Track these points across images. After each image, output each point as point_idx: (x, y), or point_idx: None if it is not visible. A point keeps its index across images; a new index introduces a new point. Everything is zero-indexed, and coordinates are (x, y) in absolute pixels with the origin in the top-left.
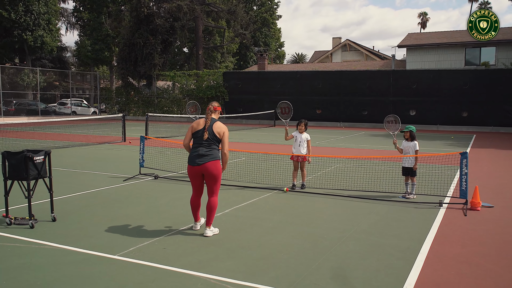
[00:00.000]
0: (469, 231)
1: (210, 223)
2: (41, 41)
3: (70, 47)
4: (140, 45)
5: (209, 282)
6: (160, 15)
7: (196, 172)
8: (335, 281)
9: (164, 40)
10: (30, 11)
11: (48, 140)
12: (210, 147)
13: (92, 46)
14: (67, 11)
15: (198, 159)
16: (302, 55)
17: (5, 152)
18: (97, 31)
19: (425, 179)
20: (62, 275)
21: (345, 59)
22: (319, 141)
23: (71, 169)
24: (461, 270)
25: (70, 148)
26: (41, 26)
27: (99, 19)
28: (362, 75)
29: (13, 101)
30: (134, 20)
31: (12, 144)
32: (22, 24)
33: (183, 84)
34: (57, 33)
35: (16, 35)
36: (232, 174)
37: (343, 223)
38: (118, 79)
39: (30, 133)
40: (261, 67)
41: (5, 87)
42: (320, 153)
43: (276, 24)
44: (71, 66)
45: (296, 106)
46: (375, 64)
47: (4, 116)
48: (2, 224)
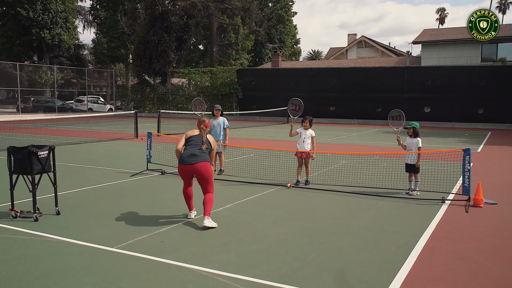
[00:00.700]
0: (468, 227)
1: (209, 213)
2: (59, 39)
3: (87, 45)
4: (155, 42)
5: (201, 274)
6: (174, 13)
7: (187, 171)
8: (326, 275)
9: (179, 38)
10: (48, 10)
11: (62, 137)
12: (203, 152)
13: (108, 43)
14: (84, 9)
15: (191, 159)
16: (318, 52)
17: (10, 147)
18: (113, 29)
19: (429, 175)
20: (59, 266)
21: (361, 56)
22: (330, 138)
23: (81, 165)
24: (454, 266)
25: (82, 144)
26: (58, 24)
27: (115, 17)
28: (376, 72)
29: (31, 98)
30: (149, 17)
31: (26, 140)
32: (40, 22)
33: (197, 81)
34: (74, 31)
35: (34, 33)
36: (237, 170)
37: (343, 218)
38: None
39: (46, 129)
40: (275, 64)
41: (24, 85)
42: (329, 150)
43: (292, 21)
44: (88, 63)
45: (310, 103)
46: (390, 61)
47: (22, 113)
48: (8, 217)
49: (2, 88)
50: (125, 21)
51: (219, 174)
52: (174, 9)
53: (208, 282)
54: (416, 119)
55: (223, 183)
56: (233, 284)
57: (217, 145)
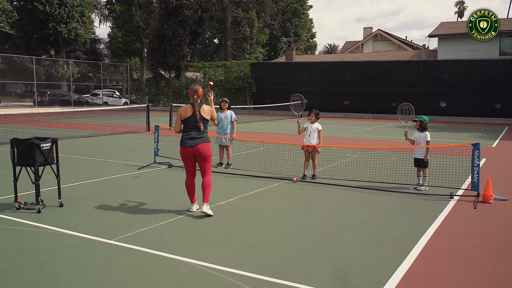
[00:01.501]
0: (475, 223)
1: (207, 199)
2: (75, 33)
3: (103, 39)
4: (169, 36)
5: (196, 267)
6: (188, 6)
7: (189, 153)
8: (322, 270)
9: (193, 31)
10: (64, 4)
11: (75, 130)
12: (202, 132)
13: (123, 38)
14: (100, 4)
15: (191, 141)
16: (335, 45)
17: (13, 139)
18: (128, 23)
19: (438, 171)
20: (56, 257)
21: (376, 50)
22: (342, 132)
23: (90, 157)
24: (455, 263)
25: (94, 137)
26: (74, 19)
27: (130, 11)
28: (391, 66)
29: (48, 92)
30: (163, 11)
31: (38, 132)
32: (56, 16)
33: (211, 75)
34: (90, 25)
35: (51, 28)
36: (244, 163)
37: (346, 213)
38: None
39: (59, 122)
40: (289, 58)
41: (41, 79)
42: (340, 144)
43: (308, 15)
44: (104, 57)
45: (324, 97)
46: (405, 55)
47: (38, 106)
48: (12, 208)
49: (20, 81)
50: (140, 15)
51: (226, 167)
52: (188, 3)
53: (202, 276)
54: (431, 113)
55: (229, 176)
56: (227, 278)
57: (224, 138)
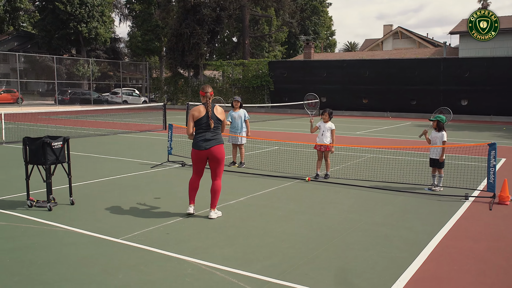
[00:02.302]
0: (489, 225)
1: (215, 205)
2: (95, 33)
3: (123, 38)
4: (187, 35)
5: (200, 267)
6: (206, 5)
7: (202, 156)
8: (328, 271)
9: (211, 30)
10: (84, 4)
11: (93, 128)
12: (215, 132)
13: (142, 36)
14: (120, 3)
15: (205, 143)
16: (355, 43)
17: (26, 138)
18: (147, 22)
19: (454, 171)
20: (62, 256)
21: (396, 47)
22: (360, 131)
23: (105, 156)
24: (466, 266)
25: (111, 135)
26: (95, 18)
27: (149, 10)
28: (411, 64)
29: (68, 90)
30: (181, 10)
31: (56, 130)
32: (77, 16)
33: (229, 73)
34: (110, 24)
35: (72, 27)
36: (258, 162)
37: (357, 213)
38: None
39: (78, 121)
40: (307, 56)
41: (62, 77)
42: (357, 143)
43: (327, 12)
44: (125, 56)
45: (342, 95)
46: (426, 52)
47: (59, 105)
48: (24, 206)
49: (41, 80)
50: (159, 14)
51: (239, 166)
52: (206, 1)
53: (205, 276)
54: (452, 112)
55: (241, 175)
56: (229, 279)
57: (237, 137)
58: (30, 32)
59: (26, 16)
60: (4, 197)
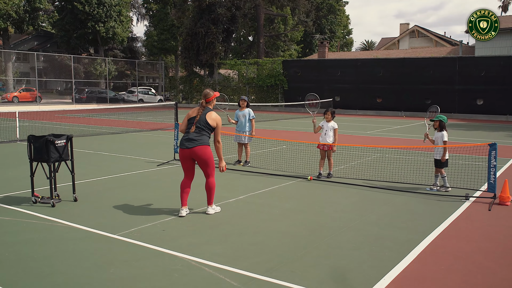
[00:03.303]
0: (485, 226)
1: (211, 202)
2: (113, 32)
3: (141, 37)
4: (202, 34)
5: (190, 263)
6: (221, 4)
7: (185, 155)
8: (314, 269)
9: (226, 29)
10: (102, 4)
11: (106, 126)
12: (200, 133)
13: (158, 36)
14: (138, 3)
15: (187, 143)
16: (372, 42)
17: (30, 136)
18: (163, 22)
19: (457, 171)
20: (59, 250)
21: (413, 46)
22: (371, 131)
23: (114, 154)
24: (454, 266)
25: (123, 134)
26: (112, 18)
27: (165, 9)
28: (426, 63)
29: (85, 89)
30: (196, 9)
31: (70, 128)
32: (95, 16)
33: (244, 72)
34: (127, 24)
35: (90, 27)
36: (262, 162)
37: (353, 213)
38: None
39: (93, 119)
40: (321, 55)
41: (80, 76)
42: (363, 142)
43: (344, 11)
44: (142, 55)
45: (356, 94)
46: (442, 51)
47: (76, 103)
48: (29, 202)
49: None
50: (174, 14)
51: (244, 165)
52: (221, 1)
53: (194, 271)
54: (467, 112)
55: (244, 174)
56: (217, 275)
57: (242, 136)
58: (50, 32)
59: (45, 16)
60: (12, 193)
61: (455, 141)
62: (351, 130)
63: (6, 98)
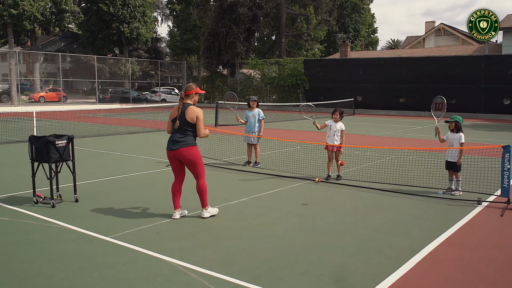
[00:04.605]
0: (493, 233)
1: (205, 204)
2: (137, 33)
3: (165, 37)
4: (223, 34)
5: (176, 268)
6: (243, 4)
7: (171, 156)
8: (304, 277)
9: (247, 29)
10: (126, 5)
11: (124, 126)
12: (184, 134)
13: (181, 36)
14: (162, 3)
15: (172, 145)
16: (398, 41)
17: (31, 136)
18: (185, 22)
19: (470, 174)
20: (49, 252)
21: (439, 44)
22: (391, 131)
23: (126, 154)
24: (453, 275)
25: (139, 133)
26: (136, 18)
27: (187, 9)
28: (450, 61)
29: (109, 89)
30: (218, 9)
31: (86, 128)
32: (119, 17)
33: (265, 72)
34: (151, 24)
35: (114, 28)
36: (273, 162)
37: (356, 217)
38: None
39: (113, 119)
40: (343, 54)
41: (106, 77)
42: (381, 144)
43: (369, 10)
44: (166, 56)
45: (378, 94)
46: (468, 49)
47: (100, 103)
48: (30, 202)
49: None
50: (196, 14)
51: (254, 166)
52: (242, 1)
53: (179, 277)
54: (493, 112)
55: (252, 175)
56: (202, 281)
57: (252, 137)
58: (76, 33)
59: (71, 17)
60: (17, 193)
61: (472, 141)
62: (371, 131)
63: (33, 98)
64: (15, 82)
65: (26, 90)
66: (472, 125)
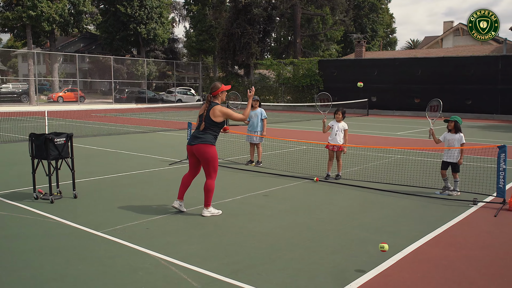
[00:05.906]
0: (482, 233)
1: (208, 204)
2: (154, 34)
3: (182, 38)
4: (238, 34)
5: (159, 262)
6: (258, 5)
7: (190, 151)
8: (281, 273)
9: (262, 29)
10: (144, 6)
11: (136, 125)
12: (205, 131)
13: (196, 37)
14: (179, 4)
15: (192, 140)
16: (417, 41)
17: (31, 134)
18: (201, 22)
19: (468, 174)
20: (39, 245)
21: (457, 45)
22: (402, 132)
23: (131, 152)
24: (431, 274)
25: (150, 133)
26: (153, 19)
27: (203, 10)
28: (467, 61)
29: (126, 89)
30: (232, 10)
31: (96, 127)
32: (137, 18)
33: (280, 72)
34: (168, 25)
35: (132, 29)
36: (275, 162)
37: (347, 216)
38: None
39: (126, 118)
40: (358, 55)
41: (123, 77)
42: (389, 144)
43: (387, 9)
44: (183, 56)
45: (393, 94)
46: (485, 49)
47: (116, 103)
48: (30, 198)
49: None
50: (212, 14)
51: (256, 165)
52: (257, 1)
53: (159, 270)
54: (511, 112)
55: (253, 174)
56: (181, 275)
57: (254, 137)
58: (95, 34)
59: (89, 19)
60: (20, 188)
61: (486, 142)
62: (381, 131)
63: (51, 98)
64: (33, 83)
65: (46, 90)
66: (488, 126)
